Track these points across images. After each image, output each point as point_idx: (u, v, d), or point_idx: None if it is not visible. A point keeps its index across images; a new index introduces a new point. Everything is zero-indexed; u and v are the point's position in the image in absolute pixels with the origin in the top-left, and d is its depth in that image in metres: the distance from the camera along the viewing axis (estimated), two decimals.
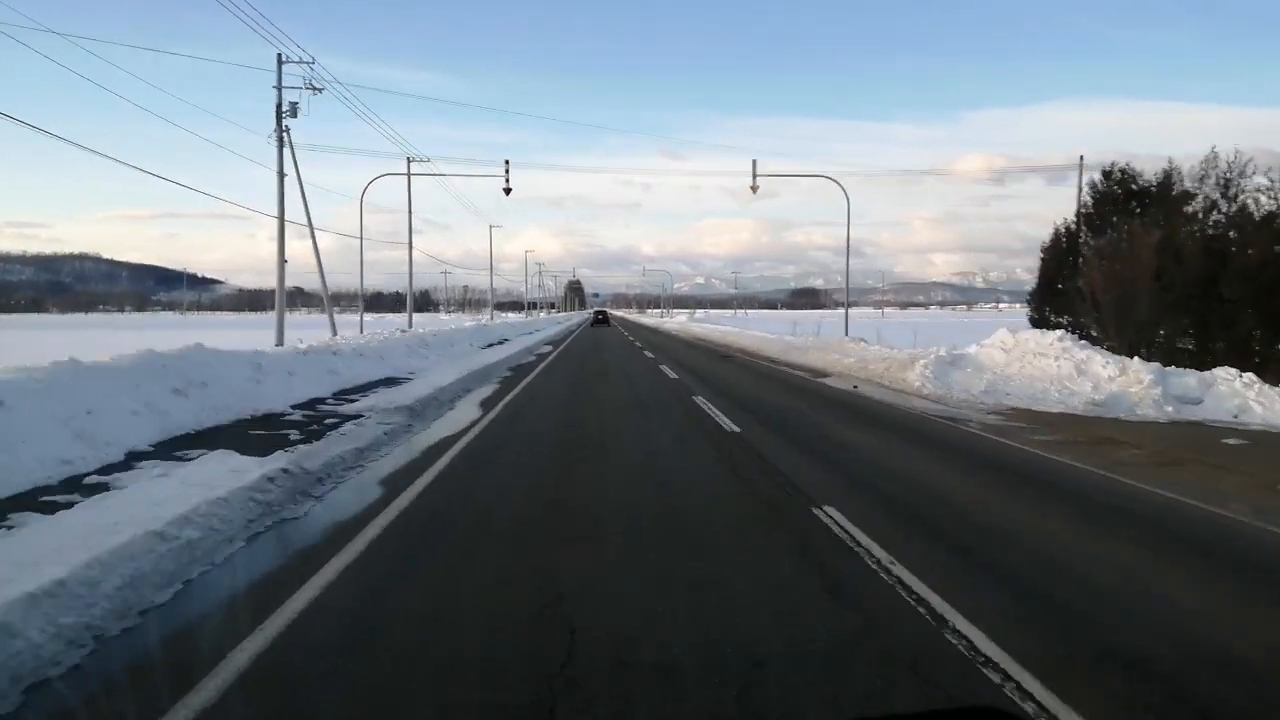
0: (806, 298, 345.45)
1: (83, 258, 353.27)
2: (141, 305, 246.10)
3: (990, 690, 3.67)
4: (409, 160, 36.72)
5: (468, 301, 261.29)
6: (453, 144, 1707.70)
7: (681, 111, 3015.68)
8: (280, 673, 3.83)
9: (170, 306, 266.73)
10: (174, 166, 29.85)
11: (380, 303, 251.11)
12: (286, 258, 26.05)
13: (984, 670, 3.87)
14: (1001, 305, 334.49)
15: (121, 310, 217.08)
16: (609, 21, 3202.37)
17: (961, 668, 3.91)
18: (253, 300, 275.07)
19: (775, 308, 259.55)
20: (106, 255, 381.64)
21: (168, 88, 27.02)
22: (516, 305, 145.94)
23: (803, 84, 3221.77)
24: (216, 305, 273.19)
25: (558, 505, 7.20)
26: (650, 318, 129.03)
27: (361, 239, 34.04)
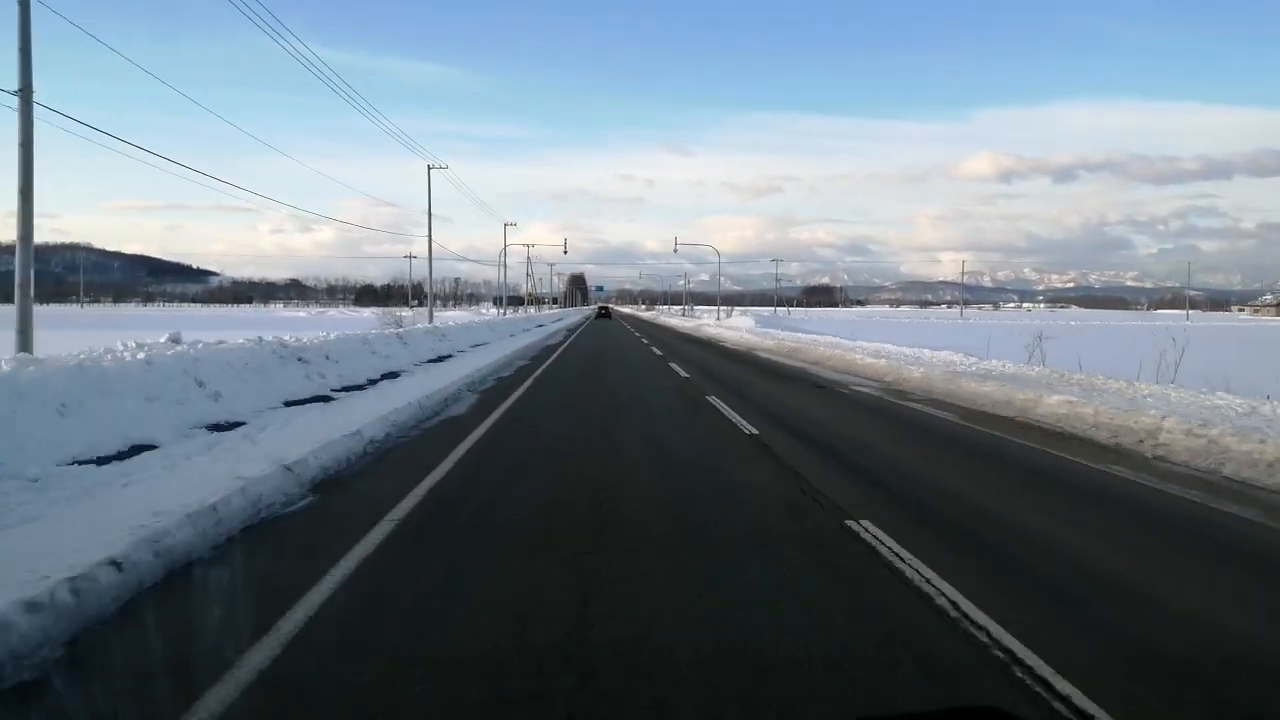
0: (819, 295, 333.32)
1: (74, 248, 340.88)
2: (120, 297, 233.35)
3: None
4: None
5: (459, 295, 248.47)
6: (458, 138, 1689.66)
7: (685, 108, 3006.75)
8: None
9: (150, 299, 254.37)
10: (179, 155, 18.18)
11: (371, 294, 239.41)
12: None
13: None
14: (1026, 305, 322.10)
15: (96, 301, 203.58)
16: (612, 18, 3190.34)
17: None
18: (237, 293, 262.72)
19: (790, 304, 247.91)
20: (99, 245, 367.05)
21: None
22: (519, 300, 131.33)
23: (807, 81, 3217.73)
24: (197, 298, 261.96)
25: None
26: (674, 318, 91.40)
27: None
